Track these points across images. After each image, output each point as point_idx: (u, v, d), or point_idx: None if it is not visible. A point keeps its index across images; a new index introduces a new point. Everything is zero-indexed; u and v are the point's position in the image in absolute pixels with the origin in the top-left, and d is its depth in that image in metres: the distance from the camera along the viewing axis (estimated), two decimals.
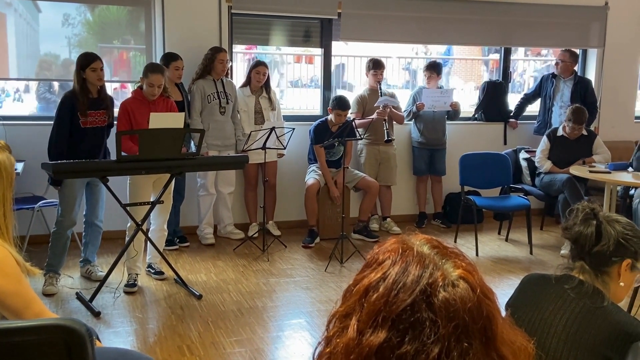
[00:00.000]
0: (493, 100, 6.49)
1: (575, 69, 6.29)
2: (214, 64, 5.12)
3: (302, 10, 5.68)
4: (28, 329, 1.55)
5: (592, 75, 6.71)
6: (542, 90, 6.35)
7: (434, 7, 6.02)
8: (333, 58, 6.11)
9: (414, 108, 5.92)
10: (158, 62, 4.93)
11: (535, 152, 5.70)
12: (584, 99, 6.02)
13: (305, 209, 5.45)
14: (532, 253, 5.27)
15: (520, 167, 5.86)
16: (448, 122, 6.08)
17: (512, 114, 6.53)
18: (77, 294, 4.07)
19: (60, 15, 5.26)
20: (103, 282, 4.04)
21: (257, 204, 5.58)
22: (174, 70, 4.93)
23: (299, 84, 8.26)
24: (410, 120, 6.06)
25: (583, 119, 5.38)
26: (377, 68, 5.70)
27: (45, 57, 5.34)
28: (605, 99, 6.71)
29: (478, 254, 5.20)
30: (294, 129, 5.21)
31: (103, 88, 4.23)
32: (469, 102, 7.50)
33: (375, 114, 5.57)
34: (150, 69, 4.21)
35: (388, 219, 5.91)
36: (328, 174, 5.45)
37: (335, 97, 5.42)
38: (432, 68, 5.98)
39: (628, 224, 1.84)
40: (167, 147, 3.87)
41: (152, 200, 4.17)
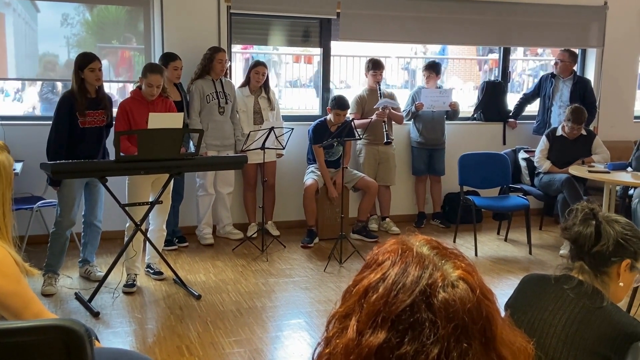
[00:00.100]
0: (492, 100, 6.50)
1: (575, 69, 6.29)
2: (213, 64, 5.12)
3: (301, 10, 5.67)
4: (27, 330, 1.55)
5: (591, 75, 6.71)
6: (541, 90, 6.35)
7: (433, 7, 6.02)
8: (332, 58, 6.11)
9: (413, 108, 5.92)
10: (157, 62, 4.93)
11: (535, 152, 5.70)
12: (583, 99, 6.02)
13: (304, 209, 5.45)
14: (531, 253, 5.27)
15: (520, 167, 5.86)
16: (447, 122, 6.09)
17: (511, 114, 6.53)
18: (76, 294, 4.07)
19: (59, 15, 5.26)
20: (102, 282, 4.04)
21: (256, 204, 5.58)
22: (173, 70, 4.92)
23: (298, 84, 8.26)
24: (410, 120, 6.06)
25: (582, 119, 5.39)
26: (376, 68, 5.70)
27: (49, 57, 5.33)
28: (605, 99, 6.71)
29: (477, 254, 5.20)
30: (293, 129, 5.21)
31: (101, 88, 4.23)
32: (468, 102, 7.50)
33: (375, 116, 5.56)
34: (149, 69, 4.20)
35: (387, 219, 5.91)
36: (327, 175, 5.44)
37: (335, 97, 5.41)
38: (431, 68, 5.98)
39: (627, 224, 1.84)
40: (166, 147, 3.87)
41: (151, 201, 4.16)
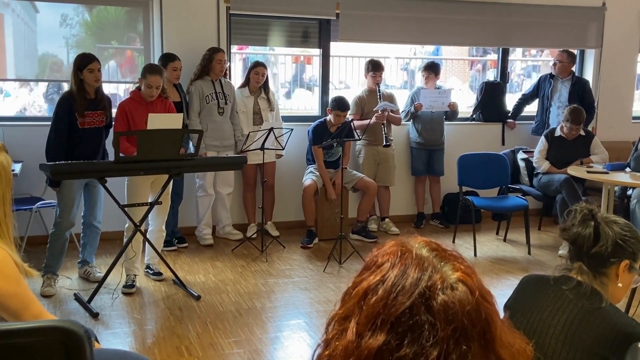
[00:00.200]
0: (491, 101, 6.50)
1: (573, 70, 6.30)
2: (212, 65, 5.11)
3: (300, 11, 5.67)
4: (26, 331, 1.55)
5: (589, 76, 6.72)
6: (539, 91, 6.36)
7: (432, 7, 6.02)
8: (331, 59, 6.11)
9: (412, 108, 5.92)
10: (156, 62, 4.93)
11: (533, 152, 5.71)
12: (582, 100, 6.03)
13: (303, 210, 5.45)
14: (530, 253, 5.27)
15: (518, 167, 5.87)
16: (446, 122, 6.09)
17: (510, 115, 6.54)
18: (75, 295, 4.06)
19: (58, 16, 5.25)
20: (101, 283, 4.04)
21: (255, 205, 5.58)
22: (172, 71, 4.92)
23: (298, 84, 8.26)
24: (409, 121, 6.06)
25: (581, 120, 5.39)
26: (376, 70, 5.69)
27: (54, 59, 5.31)
28: (603, 100, 6.72)
29: (476, 254, 5.20)
30: (293, 130, 5.22)
31: (100, 89, 4.23)
32: (467, 103, 7.50)
33: (374, 118, 5.56)
34: (149, 70, 4.20)
35: (386, 220, 5.91)
36: (326, 175, 5.44)
37: (335, 97, 5.40)
38: (430, 69, 5.98)
39: (626, 225, 1.84)
40: (165, 148, 3.87)
41: (150, 201, 4.16)
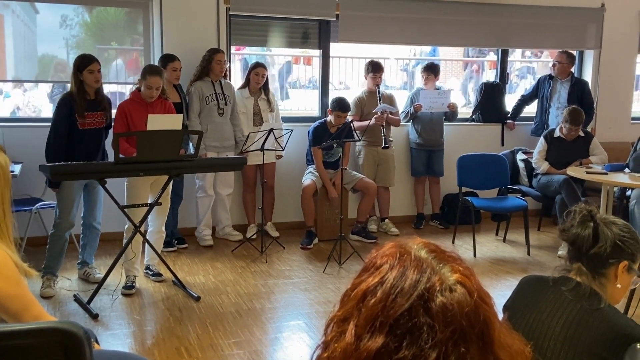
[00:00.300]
0: (490, 102, 6.50)
1: (572, 71, 6.30)
2: (212, 65, 5.11)
3: (300, 12, 5.68)
4: (26, 332, 1.55)
5: (588, 77, 6.72)
6: (539, 92, 6.36)
7: (432, 8, 6.02)
8: (331, 60, 6.11)
9: (412, 109, 5.92)
10: (156, 63, 4.93)
11: (533, 153, 5.71)
12: (581, 101, 6.03)
13: (303, 210, 5.45)
14: (529, 254, 5.28)
15: (518, 168, 5.87)
16: (446, 123, 6.09)
17: (509, 115, 6.54)
18: (74, 296, 4.06)
19: (58, 17, 5.26)
20: (101, 284, 4.04)
21: (255, 206, 5.58)
22: (172, 72, 4.92)
23: (297, 85, 8.27)
24: (408, 122, 6.06)
25: (580, 120, 5.40)
26: (376, 71, 5.69)
27: (59, 59, 5.31)
28: (602, 100, 6.72)
29: (476, 255, 5.20)
30: (292, 131, 5.22)
31: (100, 89, 4.23)
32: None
33: (373, 119, 5.56)
34: (149, 71, 4.20)
35: (386, 220, 5.91)
36: (325, 175, 5.44)
37: (336, 98, 5.39)
38: (429, 69, 5.98)
39: (625, 226, 1.84)
40: (165, 148, 3.87)
41: (150, 202, 4.16)
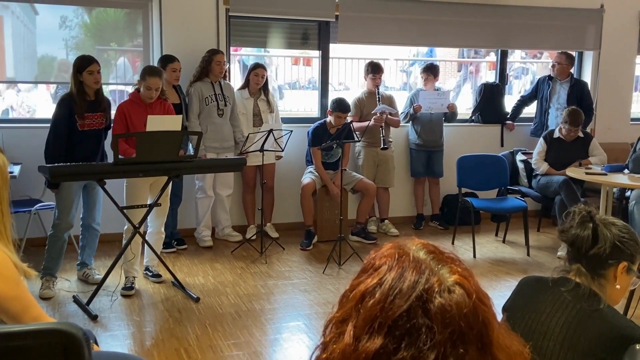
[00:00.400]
0: (490, 102, 6.50)
1: (572, 72, 6.30)
2: (211, 66, 5.12)
3: (299, 13, 5.68)
4: (25, 333, 1.55)
5: (588, 78, 6.73)
6: (538, 93, 6.36)
7: (431, 9, 6.03)
8: (331, 60, 6.11)
9: (411, 110, 5.92)
10: (155, 64, 4.93)
11: (532, 154, 5.71)
12: (580, 101, 6.04)
13: (302, 208, 5.45)
14: (529, 254, 5.28)
15: (517, 168, 5.87)
16: (445, 124, 6.09)
17: (508, 116, 6.54)
18: (74, 297, 4.06)
19: (58, 18, 5.26)
20: (100, 285, 4.04)
21: (255, 206, 5.58)
22: (171, 72, 4.92)
23: (297, 86, 8.27)
24: (408, 122, 6.07)
25: (579, 121, 5.40)
26: (375, 72, 5.69)
27: (64, 60, 5.30)
28: (602, 101, 6.73)
29: (475, 256, 5.20)
30: (292, 131, 5.22)
31: (100, 90, 4.23)
32: (465, 105, 7.50)
33: (373, 120, 5.56)
34: (148, 72, 4.20)
35: (386, 221, 5.91)
36: (325, 175, 5.44)
37: (336, 99, 5.39)
38: (428, 70, 5.99)
39: (624, 227, 1.84)
40: (164, 149, 3.87)
41: (149, 203, 4.16)
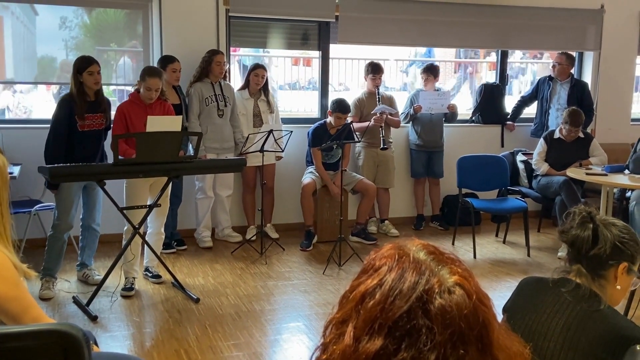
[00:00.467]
0: (490, 103, 6.50)
1: (572, 72, 6.30)
2: (212, 67, 5.11)
3: (299, 13, 5.68)
4: (25, 334, 1.55)
5: (588, 78, 6.73)
6: (538, 93, 6.36)
7: (431, 10, 6.03)
8: (331, 61, 6.11)
9: (412, 110, 5.92)
10: (155, 65, 4.93)
11: (532, 154, 5.71)
12: (581, 102, 6.04)
13: (302, 208, 5.45)
14: (529, 255, 5.27)
15: (518, 169, 5.87)
16: (445, 124, 6.09)
17: (509, 117, 6.54)
18: (73, 298, 4.06)
19: (58, 18, 5.26)
20: (100, 286, 4.04)
21: (255, 207, 5.57)
22: (171, 73, 4.92)
23: (297, 87, 8.26)
24: (408, 123, 6.06)
25: (579, 122, 5.40)
26: (375, 72, 5.69)
27: (66, 61, 5.30)
28: (602, 102, 6.73)
29: (476, 256, 5.20)
30: (292, 132, 5.22)
31: (100, 91, 4.23)
32: (464, 105, 7.50)
33: (372, 121, 5.56)
34: (148, 73, 4.19)
35: (386, 222, 5.91)
36: (325, 175, 5.44)
37: (336, 100, 5.39)
38: (428, 70, 5.98)
39: (624, 228, 1.84)
40: (164, 150, 3.86)
41: (149, 204, 4.16)
